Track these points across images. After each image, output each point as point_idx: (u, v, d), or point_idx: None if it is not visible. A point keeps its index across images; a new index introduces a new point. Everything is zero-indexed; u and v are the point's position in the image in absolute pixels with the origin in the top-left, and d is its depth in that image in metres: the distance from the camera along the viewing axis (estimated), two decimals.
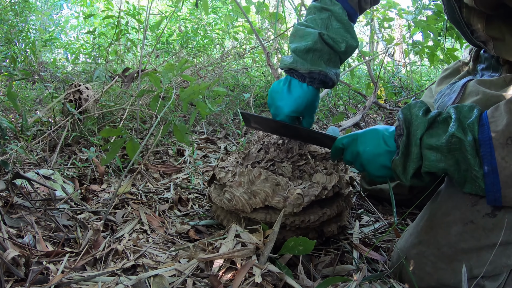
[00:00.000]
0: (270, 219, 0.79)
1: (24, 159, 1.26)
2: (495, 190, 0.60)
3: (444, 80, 0.99)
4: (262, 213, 0.79)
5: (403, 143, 0.67)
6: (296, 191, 0.77)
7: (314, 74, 0.83)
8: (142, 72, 1.57)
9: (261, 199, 0.78)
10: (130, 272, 0.73)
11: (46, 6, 6.20)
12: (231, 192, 0.80)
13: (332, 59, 0.85)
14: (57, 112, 1.63)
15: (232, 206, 0.80)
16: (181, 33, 3.00)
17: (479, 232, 0.64)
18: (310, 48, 0.83)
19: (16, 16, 2.95)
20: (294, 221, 0.78)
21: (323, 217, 0.80)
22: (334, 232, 0.84)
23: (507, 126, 0.58)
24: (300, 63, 0.83)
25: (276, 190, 0.78)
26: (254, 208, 0.79)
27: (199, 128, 1.96)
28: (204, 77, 2.28)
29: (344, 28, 0.84)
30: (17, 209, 0.90)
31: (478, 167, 0.60)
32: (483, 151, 0.60)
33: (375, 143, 0.73)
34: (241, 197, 0.79)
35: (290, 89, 0.85)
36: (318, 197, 0.78)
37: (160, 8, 4.02)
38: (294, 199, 0.76)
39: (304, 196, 0.76)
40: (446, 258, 0.66)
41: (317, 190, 0.78)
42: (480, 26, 0.74)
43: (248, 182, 0.80)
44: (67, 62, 3.26)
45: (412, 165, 0.66)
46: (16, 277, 0.67)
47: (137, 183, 1.21)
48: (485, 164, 0.59)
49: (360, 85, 2.94)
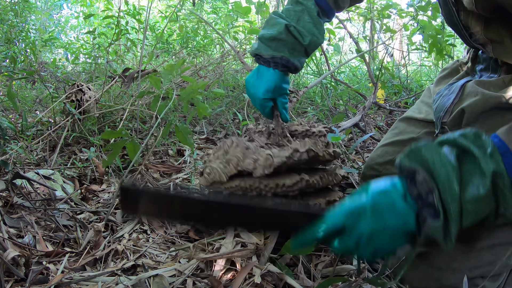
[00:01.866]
0: (245, 185, 0.79)
1: (24, 159, 1.26)
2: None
3: (443, 80, 0.99)
4: (237, 180, 0.80)
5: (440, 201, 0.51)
6: (265, 152, 0.78)
7: (276, 59, 0.89)
8: (142, 72, 1.57)
9: (234, 165, 0.79)
10: (130, 272, 0.73)
11: (46, 6, 6.20)
12: (210, 166, 0.82)
13: (296, 48, 0.90)
14: (57, 112, 1.63)
15: (211, 179, 0.82)
16: (181, 33, 3.00)
17: (479, 233, 0.64)
18: (275, 37, 0.88)
19: (16, 16, 2.95)
20: (268, 184, 0.78)
21: (301, 182, 0.78)
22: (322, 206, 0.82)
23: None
24: (263, 49, 0.90)
25: (247, 153, 0.79)
26: (230, 177, 0.80)
27: (199, 128, 1.96)
28: (204, 77, 2.28)
29: (313, 23, 0.89)
30: (17, 209, 0.90)
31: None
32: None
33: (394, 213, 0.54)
34: (218, 167, 0.81)
35: (259, 76, 0.92)
36: (290, 158, 0.77)
37: (160, 8, 4.03)
38: (264, 159, 0.76)
39: (274, 157, 0.76)
40: (446, 258, 0.66)
41: (287, 152, 0.78)
42: (479, 29, 0.73)
43: (223, 153, 0.82)
44: (67, 62, 3.26)
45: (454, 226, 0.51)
46: (16, 277, 0.67)
47: (137, 183, 1.21)
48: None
49: (360, 85, 2.94)
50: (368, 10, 2.44)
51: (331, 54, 3.32)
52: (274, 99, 0.93)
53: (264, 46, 0.90)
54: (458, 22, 0.78)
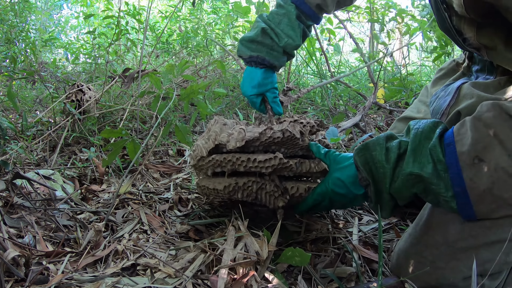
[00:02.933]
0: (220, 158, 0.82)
1: (24, 159, 1.26)
2: (468, 209, 0.61)
3: (439, 81, 1.00)
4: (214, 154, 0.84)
5: (373, 193, 0.70)
6: (240, 126, 0.82)
7: (253, 58, 0.97)
8: (142, 72, 1.57)
9: (212, 140, 0.83)
10: (130, 271, 0.73)
11: (46, 6, 6.20)
12: (197, 144, 0.87)
13: (274, 49, 0.97)
14: (57, 112, 1.63)
15: (195, 156, 0.86)
16: (181, 33, 3.00)
17: (476, 230, 0.64)
18: (253, 39, 0.96)
19: (16, 16, 2.95)
20: (240, 157, 0.80)
21: (274, 160, 0.78)
22: (300, 191, 0.82)
23: (473, 145, 0.59)
24: (243, 50, 0.98)
25: (223, 128, 0.84)
26: (209, 152, 0.84)
27: (199, 128, 1.96)
28: (204, 77, 2.28)
29: (291, 27, 0.96)
30: (17, 209, 0.90)
31: (444, 190, 0.61)
32: (452, 173, 0.60)
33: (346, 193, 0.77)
34: (200, 143, 0.86)
35: (246, 75, 1.01)
36: (263, 135, 0.80)
37: (160, 8, 4.03)
38: (237, 133, 0.81)
39: (247, 132, 0.80)
40: (444, 257, 0.66)
41: (261, 128, 0.81)
42: (472, 35, 0.73)
43: (207, 131, 0.88)
44: (67, 62, 3.26)
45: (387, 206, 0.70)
46: (16, 277, 0.67)
47: (137, 183, 1.21)
48: (455, 186, 0.60)
49: (360, 85, 2.94)
50: (369, 11, 2.44)
51: (331, 54, 3.32)
52: (263, 94, 1.01)
53: (243, 48, 0.98)
54: (451, 28, 0.78)
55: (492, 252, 0.64)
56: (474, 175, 0.59)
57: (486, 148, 0.58)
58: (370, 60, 2.19)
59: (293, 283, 0.73)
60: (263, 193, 0.82)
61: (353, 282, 0.75)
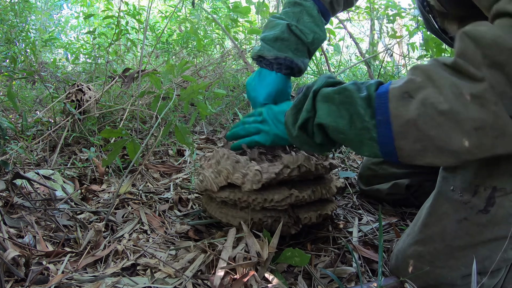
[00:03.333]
0: (234, 197, 0.80)
1: (24, 159, 1.26)
2: (388, 142, 0.57)
3: None
4: (227, 191, 0.81)
5: (298, 98, 0.68)
6: (255, 167, 0.78)
7: (280, 60, 0.86)
8: (142, 73, 1.57)
9: (224, 177, 0.80)
10: (130, 271, 0.73)
11: (46, 6, 6.20)
12: (203, 174, 0.84)
13: (299, 48, 0.88)
14: (57, 112, 1.63)
15: (204, 186, 0.84)
16: (181, 33, 3.00)
17: (473, 228, 0.64)
18: (278, 37, 0.86)
19: (16, 16, 2.95)
20: (256, 198, 0.78)
21: (290, 198, 0.78)
22: (312, 219, 0.82)
23: (406, 83, 0.56)
24: (267, 49, 0.87)
25: (236, 167, 0.80)
26: (220, 187, 0.81)
27: (199, 128, 1.96)
28: (204, 77, 2.28)
29: (314, 22, 0.88)
30: (17, 209, 0.90)
31: (369, 118, 0.58)
32: (377, 103, 0.57)
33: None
34: (210, 177, 0.82)
35: (261, 79, 0.90)
36: (280, 175, 0.77)
37: (160, 8, 4.03)
38: (253, 175, 0.77)
39: (263, 173, 0.77)
40: (442, 256, 0.66)
41: (277, 168, 0.77)
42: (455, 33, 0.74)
43: (216, 163, 0.83)
44: (67, 62, 3.26)
45: (302, 115, 0.65)
46: (16, 277, 0.67)
47: (137, 183, 1.21)
48: (378, 114, 0.57)
49: None
50: (368, 10, 2.44)
51: (331, 54, 3.32)
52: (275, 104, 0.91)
53: (267, 47, 0.87)
54: (436, 29, 0.79)
55: (489, 249, 0.64)
56: (401, 106, 0.55)
57: (418, 88, 0.55)
58: (370, 60, 2.19)
59: (293, 283, 0.73)
60: (276, 224, 0.82)
61: (353, 282, 0.75)
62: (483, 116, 0.50)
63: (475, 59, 0.50)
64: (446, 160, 0.55)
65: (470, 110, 0.50)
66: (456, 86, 0.51)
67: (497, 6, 0.51)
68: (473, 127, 0.50)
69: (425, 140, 0.54)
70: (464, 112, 0.51)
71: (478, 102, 0.50)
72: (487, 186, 0.63)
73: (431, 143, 0.54)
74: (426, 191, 1.02)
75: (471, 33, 0.51)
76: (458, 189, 0.67)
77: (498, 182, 0.63)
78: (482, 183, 0.64)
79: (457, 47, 0.53)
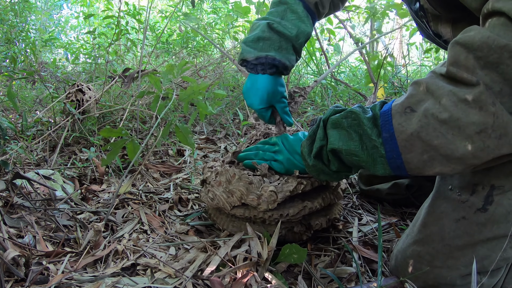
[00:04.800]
0: (249, 214, 0.81)
1: (24, 159, 1.26)
2: (395, 156, 0.59)
3: None
4: (241, 209, 0.82)
5: (312, 130, 0.71)
6: (269, 188, 0.78)
7: (261, 59, 0.83)
8: (142, 73, 1.57)
9: (237, 198, 0.80)
10: (130, 271, 0.73)
11: (46, 6, 6.20)
12: (213, 191, 0.84)
13: (283, 46, 0.85)
14: (57, 112, 1.63)
15: (215, 204, 0.85)
16: (181, 33, 3.00)
17: (472, 227, 0.64)
18: (259, 36, 0.84)
19: (16, 16, 2.95)
20: (272, 215, 0.80)
21: (304, 210, 0.80)
22: (323, 225, 0.85)
23: (407, 98, 0.58)
24: (247, 52, 0.84)
25: (250, 188, 0.80)
26: (233, 206, 0.82)
27: (199, 128, 1.96)
28: (204, 77, 2.28)
29: (298, 18, 0.86)
30: (17, 209, 0.90)
31: (376, 137, 0.60)
32: (382, 121, 0.60)
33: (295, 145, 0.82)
34: (221, 196, 0.83)
35: (251, 84, 0.87)
36: (294, 192, 0.79)
37: (160, 8, 4.03)
38: (268, 196, 0.78)
39: (278, 193, 0.78)
40: (441, 256, 0.66)
41: (291, 186, 0.79)
42: (449, 35, 0.74)
43: (226, 181, 0.83)
44: (67, 62, 3.26)
45: (316, 144, 0.69)
46: (16, 277, 0.67)
47: (137, 183, 1.21)
48: (384, 132, 0.59)
49: (360, 85, 2.94)
50: (367, 10, 2.44)
51: (331, 54, 3.32)
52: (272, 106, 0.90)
53: (248, 49, 0.84)
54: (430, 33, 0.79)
55: (489, 249, 0.64)
56: (404, 121, 0.57)
57: (419, 102, 0.57)
58: (371, 62, 2.19)
59: (293, 283, 0.73)
60: (290, 233, 0.83)
61: (353, 282, 0.75)
62: (483, 119, 0.50)
63: (468, 64, 0.51)
64: (454, 167, 0.56)
65: (469, 115, 0.51)
66: (453, 93, 0.52)
67: (487, 6, 0.52)
68: (475, 131, 0.51)
69: (431, 151, 0.55)
70: (464, 118, 0.51)
71: (476, 106, 0.50)
72: (485, 185, 0.63)
73: (437, 152, 0.55)
74: (426, 191, 1.02)
75: (461, 40, 0.52)
76: (456, 188, 0.67)
77: (496, 180, 0.63)
78: (480, 182, 0.64)
79: (449, 56, 0.54)
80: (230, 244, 0.78)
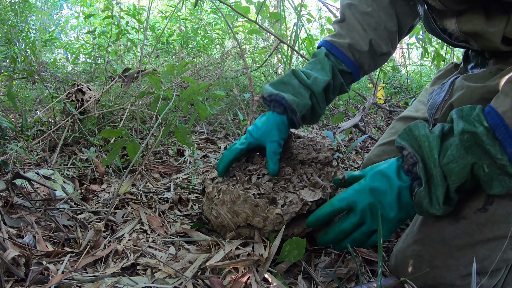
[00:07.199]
0: (254, 234, 0.82)
1: (24, 159, 1.26)
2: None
3: (437, 80, 1.00)
4: (246, 229, 0.82)
5: (422, 170, 0.61)
6: (275, 211, 0.77)
7: (273, 96, 0.87)
8: (142, 73, 1.57)
9: (242, 219, 0.80)
10: (130, 271, 0.73)
11: (46, 6, 6.20)
12: (217, 210, 0.84)
13: (301, 92, 0.88)
14: (57, 112, 1.63)
15: (220, 223, 0.85)
16: (181, 33, 3.00)
17: (472, 227, 0.64)
18: (281, 80, 0.90)
19: (16, 16, 2.95)
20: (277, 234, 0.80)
21: (308, 228, 0.80)
22: None
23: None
24: (266, 90, 0.89)
25: (256, 211, 0.79)
26: (238, 226, 0.82)
27: (199, 128, 1.96)
28: (204, 77, 2.28)
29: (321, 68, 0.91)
30: (17, 209, 0.90)
31: (501, 155, 0.55)
32: (500, 135, 0.55)
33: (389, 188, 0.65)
34: (225, 215, 0.82)
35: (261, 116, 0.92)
36: (299, 212, 0.79)
37: (160, 8, 4.03)
38: (274, 218, 0.77)
39: (284, 215, 0.77)
40: (441, 256, 0.66)
41: (297, 207, 0.78)
42: (453, 27, 0.75)
43: (230, 201, 0.82)
44: (67, 62, 3.26)
45: (440, 189, 0.60)
46: (16, 277, 0.67)
47: (137, 183, 1.21)
48: (507, 147, 0.54)
49: (360, 85, 2.94)
50: None
51: None
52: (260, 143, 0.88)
53: (269, 87, 0.90)
54: (435, 27, 0.80)
55: (488, 249, 0.64)
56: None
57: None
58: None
59: (293, 283, 0.73)
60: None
61: (353, 282, 0.75)
62: None
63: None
64: None
65: None
66: None
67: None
68: None
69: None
70: None
71: None
72: None
73: None
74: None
75: None
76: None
77: None
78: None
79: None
80: (236, 243, 0.79)
